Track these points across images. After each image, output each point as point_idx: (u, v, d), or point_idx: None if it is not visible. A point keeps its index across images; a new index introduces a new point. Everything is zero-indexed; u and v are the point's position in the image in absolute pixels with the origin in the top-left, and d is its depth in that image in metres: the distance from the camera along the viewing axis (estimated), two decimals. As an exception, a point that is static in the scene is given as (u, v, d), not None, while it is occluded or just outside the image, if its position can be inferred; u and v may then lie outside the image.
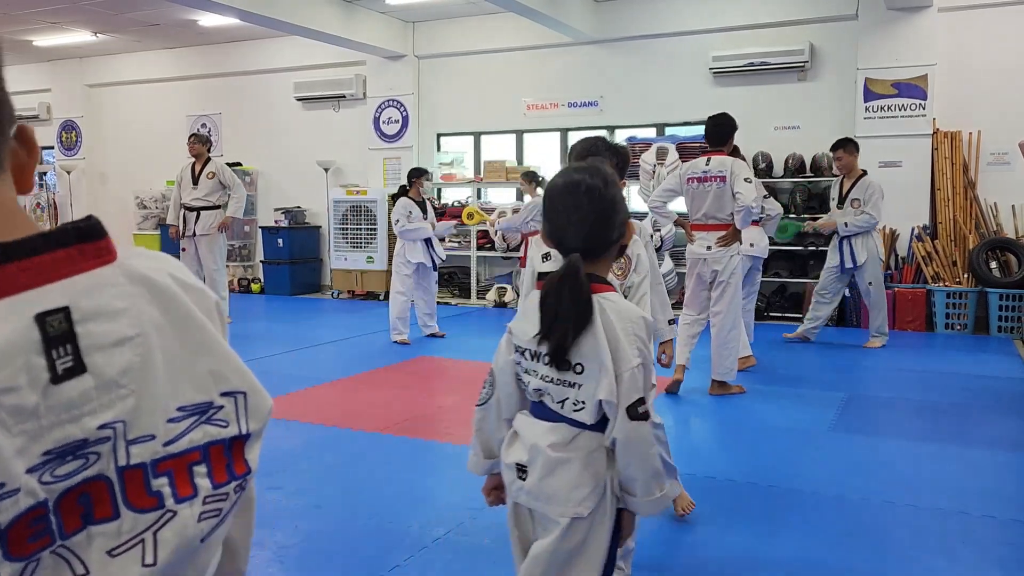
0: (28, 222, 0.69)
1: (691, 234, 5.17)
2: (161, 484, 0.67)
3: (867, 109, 7.99)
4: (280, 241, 10.60)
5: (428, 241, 7.14)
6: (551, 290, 1.64)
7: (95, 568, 0.64)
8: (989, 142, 7.78)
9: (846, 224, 6.57)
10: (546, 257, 2.62)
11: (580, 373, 1.65)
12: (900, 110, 7.88)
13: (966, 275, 7.55)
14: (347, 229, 10.10)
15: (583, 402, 1.66)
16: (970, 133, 7.83)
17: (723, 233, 5.03)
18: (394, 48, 9.97)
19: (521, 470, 1.73)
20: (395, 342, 7.03)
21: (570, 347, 1.63)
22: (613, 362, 1.61)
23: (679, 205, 5.47)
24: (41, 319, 0.62)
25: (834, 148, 6.75)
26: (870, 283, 6.72)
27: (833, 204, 6.83)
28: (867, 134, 7.65)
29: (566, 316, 1.62)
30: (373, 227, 9.84)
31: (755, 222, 6.50)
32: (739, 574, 2.85)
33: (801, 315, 8.08)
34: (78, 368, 0.64)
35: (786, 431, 4.44)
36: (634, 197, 8.33)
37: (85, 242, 0.66)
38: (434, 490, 3.64)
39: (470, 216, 8.77)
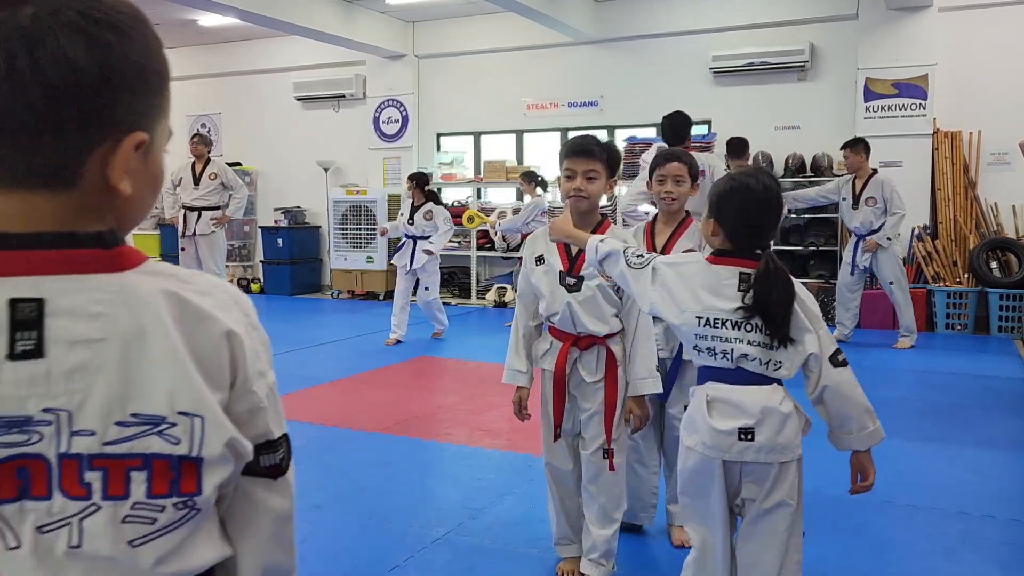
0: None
1: None
2: (93, 478, 0.72)
3: (867, 109, 7.99)
4: (280, 241, 10.60)
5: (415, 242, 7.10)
6: (765, 281, 1.89)
7: (27, 541, 0.71)
8: (989, 142, 7.78)
9: (889, 238, 6.64)
10: (539, 260, 2.58)
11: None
12: (900, 110, 7.88)
13: (966, 275, 7.55)
14: (347, 229, 10.10)
15: (781, 361, 1.95)
16: (970, 133, 7.83)
17: None
18: (394, 48, 9.97)
19: (745, 432, 1.93)
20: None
21: (790, 324, 1.92)
22: (812, 323, 1.93)
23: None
24: (13, 303, 0.71)
25: (842, 148, 6.86)
26: (891, 283, 6.74)
27: (846, 204, 6.84)
28: (867, 134, 7.63)
29: (780, 303, 1.90)
30: (373, 227, 9.81)
31: None
32: (739, 574, 2.84)
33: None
34: (36, 352, 0.71)
35: (786, 431, 4.43)
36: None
37: (79, 248, 0.74)
38: (434, 490, 3.64)
39: (470, 220, 8.75)
